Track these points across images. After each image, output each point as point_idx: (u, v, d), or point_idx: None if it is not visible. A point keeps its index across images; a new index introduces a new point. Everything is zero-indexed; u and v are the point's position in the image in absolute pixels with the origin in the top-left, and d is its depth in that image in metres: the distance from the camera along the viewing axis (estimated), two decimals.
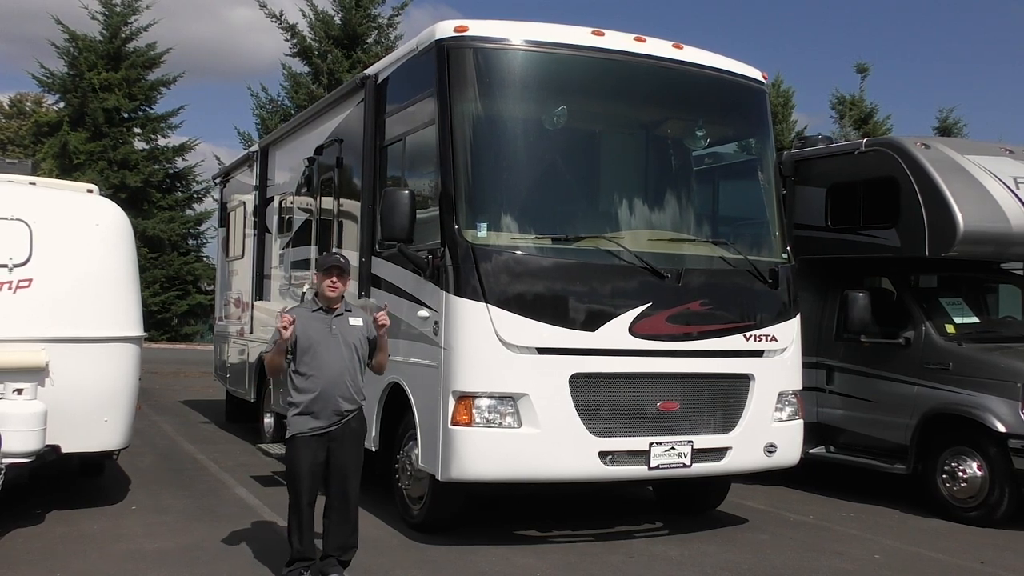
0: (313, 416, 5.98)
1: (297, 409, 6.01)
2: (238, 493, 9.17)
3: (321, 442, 6.01)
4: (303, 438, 6.00)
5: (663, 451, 7.15)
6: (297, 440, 6.02)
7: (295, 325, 5.98)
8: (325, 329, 6.05)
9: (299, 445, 6.01)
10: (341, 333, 6.08)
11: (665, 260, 7.34)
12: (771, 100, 8.56)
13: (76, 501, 8.38)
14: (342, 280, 6.14)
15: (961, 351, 8.94)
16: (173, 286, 33.35)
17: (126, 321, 8.02)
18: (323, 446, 6.02)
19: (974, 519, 8.58)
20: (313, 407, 5.98)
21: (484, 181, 7.23)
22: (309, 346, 5.99)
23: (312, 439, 5.99)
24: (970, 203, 8.89)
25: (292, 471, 6.08)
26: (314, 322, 6.07)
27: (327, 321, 6.09)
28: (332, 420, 6.01)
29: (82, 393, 7.54)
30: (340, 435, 6.05)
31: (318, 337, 6.02)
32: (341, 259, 6.28)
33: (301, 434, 6.00)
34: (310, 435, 5.99)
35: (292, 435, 6.04)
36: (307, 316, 6.11)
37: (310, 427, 5.98)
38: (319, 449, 6.01)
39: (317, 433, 5.99)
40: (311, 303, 6.27)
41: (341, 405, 6.02)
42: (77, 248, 7.77)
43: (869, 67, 35.43)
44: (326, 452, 6.03)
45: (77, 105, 32.81)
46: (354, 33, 32.04)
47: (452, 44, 7.27)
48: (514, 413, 6.84)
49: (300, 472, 6.01)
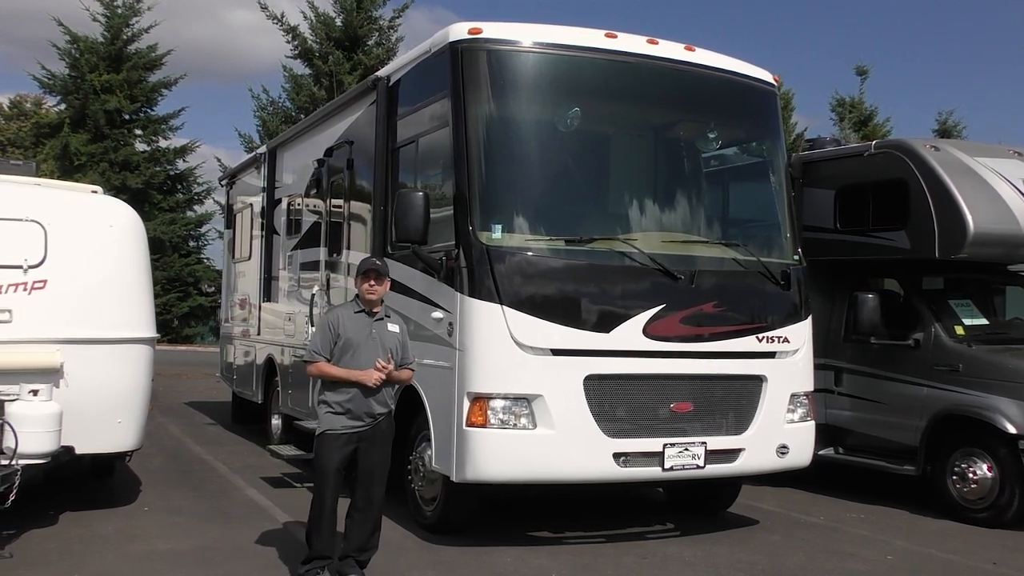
0: (347, 415, 6.04)
1: (331, 408, 6.06)
2: (248, 494, 9.17)
3: (351, 441, 6.06)
4: (334, 435, 6.05)
5: (677, 452, 7.17)
6: (328, 437, 6.07)
7: (340, 322, 6.10)
8: (365, 331, 6.12)
9: (329, 442, 6.06)
10: (380, 337, 6.15)
11: (678, 261, 7.36)
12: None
13: (89, 502, 8.39)
14: (380, 283, 6.19)
15: (971, 352, 8.97)
16: (174, 288, 33.26)
17: (139, 322, 8.02)
18: (352, 446, 6.07)
19: (984, 520, 8.60)
20: (348, 406, 6.03)
21: (498, 183, 7.24)
22: (349, 346, 6.06)
23: (343, 436, 6.04)
24: (980, 205, 8.93)
25: (320, 468, 6.11)
26: (356, 323, 6.14)
27: (368, 323, 6.15)
28: (365, 421, 6.07)
29: (96, 394, 7.53)
30: (371, 436, 6.10)
31: (358, 338, 6.08)
32: (377, 262, 6.38)
33: (332, 431, 6.05)
34: (341, 432, 6.04)
35: (323, 431, 6.09)
36: (349, 316, 6.19)
37: (343, 425, 6.04)
38: (348, 448, 6.06)
39: (348, 431, 6.04)
40: (354, 303, 6.32)
41: (375, 408, 6.08)
42: (91, 249, 7.76)
43: (869, 69, 35.45)
44: (354, 452, 6.08)
45: (78, 106, 32.75)
46: (355, 35, 31.98)
47: (466, 46, 7.29)
48: (529, 414, 6.86)
49: (328, 469, 6.05)
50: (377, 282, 6.17)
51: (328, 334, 6.13)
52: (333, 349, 6.09)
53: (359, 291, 6.25)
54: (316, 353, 6.14)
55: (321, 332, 6.23)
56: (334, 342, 6.09)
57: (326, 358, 6.10)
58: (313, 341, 6.32)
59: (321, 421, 6.13)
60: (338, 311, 6.40)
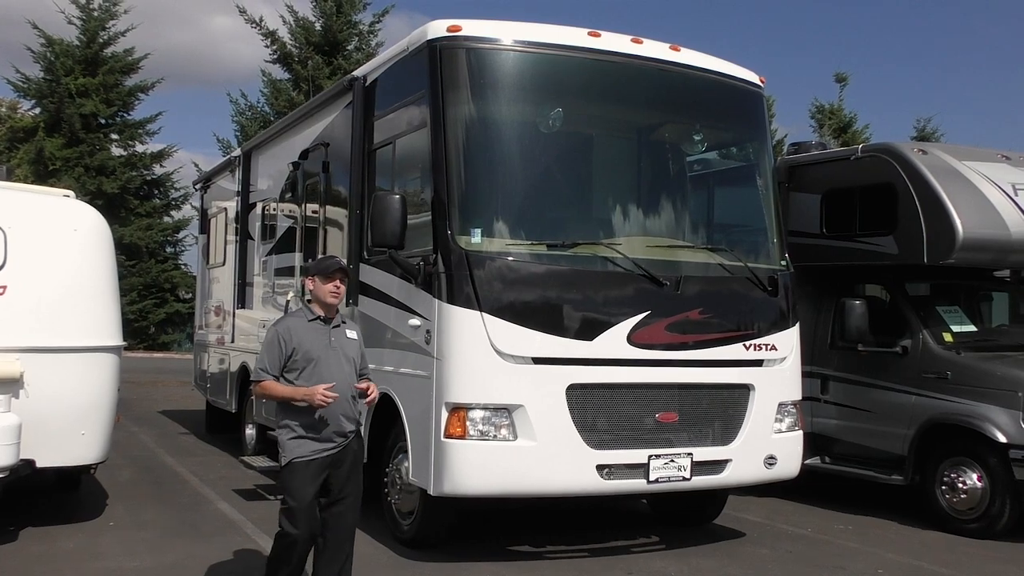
0: (314, 439, 5.35)
1: (295, 432, 5.36)
2: (220, 508, 8.88)
3: (323, 467, 5.38)
4: (302, 463, 5.35)
5: (662, 464, 6.95)
6: (296, 466, 5.35)
7: (292, 334, 5.41)
8: (324, 341, 5.46)
9: (298, 471, 5.34)
10: (340, 346, 5.51)
11: (663, 267, 7.15)
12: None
13: (52, 517, 8.08)
14: (344, 284, 5.57)
15: (960, 360, 8.80)
16: (151, 294, 32.85)
17: (105, 330, 7.73)
18: (323, 471, 5.39)
19: (974, 531, 8.42)
20: (314, 429, 5.34)
21: (478, 185, 7.02)
22: (308, 360, 5.38)
23: (313, 463, 5.35)
24: (969, 210, 8.77)
25: (294, 502, 5.33)
26: (312, 333, 5.46)
27: (325, 333, 5.50)
28: (336, 442, 5.40)
29: (58, 405, 7.25)
30: (342, 459, 5.44)
31: (317, 350, 5.40)
32: (343, 261, 5.88)
33: (302, 459, 5.35)
34: (312, 458, 5.35)
35: (290, 461, 5.37)
36: (303, 326, 5.48)
37: (311, 450, 5.35)
38: (321, 476, 5.38)
39: (320, 456, 5.38)
40: (305, 312, 5.62)
41: (344, 426, 5.42)
42: (54, 254, 7.49)
43: (848, 76, 35.61)
44: (325, 477, 5.41)
45: (53, 110, 32.25)
46: (335, 39, 31.77)
47: (445, 44, 7.07)
48: (509, 425, 6.62)
49: (301, 501, 5.32)
50: (343, 282, 5.53)
51: (279, 349, 5.39)
52: (287, 365, 5.39)
53: (319, 295, 5.52)
54: (264, 372, 5.41)
55: (270, 347, 5.44)
56: (287, 357, 5.38)
57: (275, 376, 5.40)
58: (261, 358, 5.51)
59: (286, 449, 5.38)
60: (287, 322, 5.59)
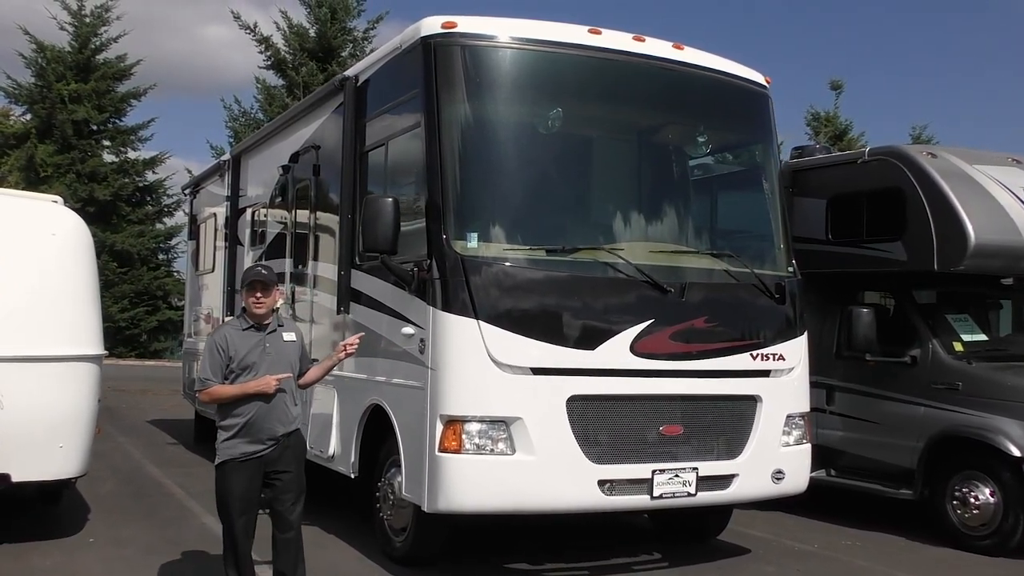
0: (246, 441, 5.58)
1: (228, 433, 5.59)
2: (205, 522, 8.55)
3: (256, 466, 5.61)
4: (234, 464, 5.59)
5: (667, 479, 6.66)
6: (227, 467, 5.61)
7: (229, 343, 5.63)
8: (259, 348, 5.66)
9: (229, 472, 5.61)
10: (276, 351, 5.70)
11: (667, 273, 6.87)
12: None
13: (29, 533, 7.75)
14: (267, 294, 5.72)
15: (971, 370, 8.53)
16: (142, 301, 32.64)
17: (84, 338, 7.44)
18: (259, 471, 5.63)
19: (986, 548, 8.13)
20: (247, 432, 5.57)
21: (474, 188, 6.75)
22: (244, 368, 5.59)
23: (244, 464, 5.59)
24: (980, 215, 8.51)
25: (222, 500, 5.67)
26: (246, 340, 5.67)
27: (260, 339, 5.70)
28: (266, 444, 5.61)
29: (35, 417, 6.99)
30: (276, 457, 5.65)
31: (253, 358, 5.61)
32: (263, 271, 5.88)
33: (232, 460, 5.60)
34: (242, 460, 5.58)
35: (222, 461, 5.63)
36: (238, 335, 5.71)
37: (242, 452, 5.59)
38: (254, 475, 5.62)
39: (250, 458, 5.59)
40: (241, 320, 5.81)
41: (277, 430, 5.63)
42: (31, 259, 7.22)
43: (843, 84, 35.60)
44: (262, 477, 5.65)
45: (45, 117, 32.06)
46: (329, 46, 31.65)
47: (439, 41, 6.79)
48: (507, 439, 6.32)
49: (231, 500, 5.61)
50: (264, 294, 5.69)
51: (218, 357, 5.63)
52: (226, 373, 5.61)
53: (245, 305, 5.76)
54: (207, 380, 5.65)
55: (210, 355, 5.69)
56: (226, 365, 5.61)
57: (219, 383, 5.63)
58: (202, 367, 5.78)
59: (219, 451, 5.64)
60: (224, 331, 5.84)
